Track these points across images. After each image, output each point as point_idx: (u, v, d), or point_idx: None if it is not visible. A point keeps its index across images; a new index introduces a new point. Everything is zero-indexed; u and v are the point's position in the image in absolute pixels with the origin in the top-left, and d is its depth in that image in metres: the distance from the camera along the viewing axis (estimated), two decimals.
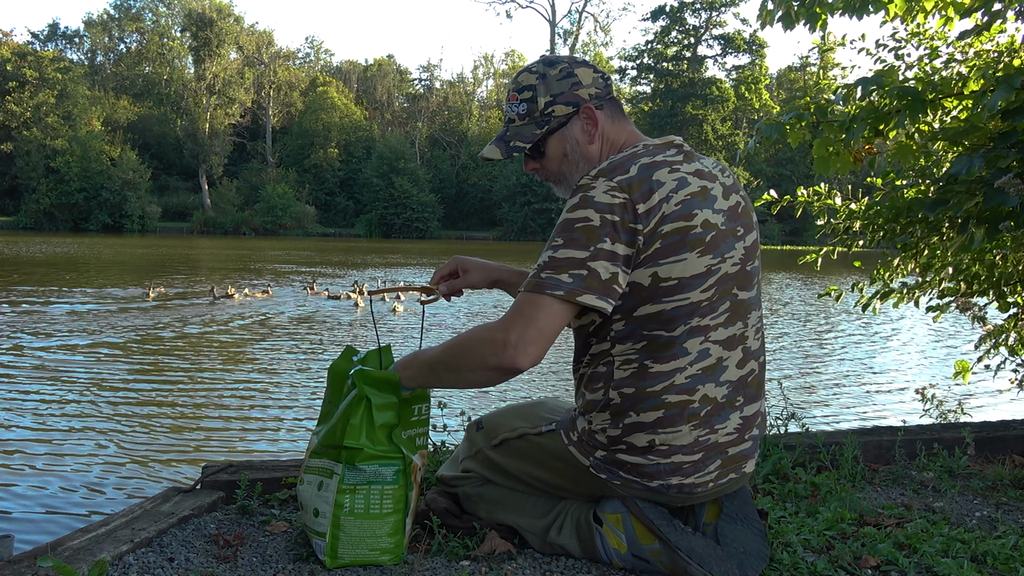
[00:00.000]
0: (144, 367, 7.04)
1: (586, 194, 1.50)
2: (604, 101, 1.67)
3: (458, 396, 5.73)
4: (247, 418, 5.41)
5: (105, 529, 1.76)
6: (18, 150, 42.67)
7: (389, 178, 46.90)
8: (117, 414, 5.39)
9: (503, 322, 1.48)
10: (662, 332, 1.53)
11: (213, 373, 6.90)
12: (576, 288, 1.45)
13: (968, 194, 2.22)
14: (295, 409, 5.70)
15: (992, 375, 3.36)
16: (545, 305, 1.46)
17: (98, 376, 6.57)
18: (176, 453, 4.59)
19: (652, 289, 1.51)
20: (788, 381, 7.04)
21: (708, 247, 1.52)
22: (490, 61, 62.16)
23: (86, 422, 5.15)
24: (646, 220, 1.48)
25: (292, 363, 7.49)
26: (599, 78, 1.67)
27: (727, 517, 1.67)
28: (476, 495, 1.84)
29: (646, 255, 1.49)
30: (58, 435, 4.84)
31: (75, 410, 5.45)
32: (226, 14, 48.93)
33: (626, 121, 1.70)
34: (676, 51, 53.01)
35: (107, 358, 7.38)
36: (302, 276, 17.70)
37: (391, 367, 1.71)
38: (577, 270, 1.46)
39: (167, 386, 6.30)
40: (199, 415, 5.45)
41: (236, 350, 8.15)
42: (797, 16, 2.80)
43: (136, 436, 4.88)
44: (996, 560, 1.72)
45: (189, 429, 5.08)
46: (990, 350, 3.23)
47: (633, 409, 1.56)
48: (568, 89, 1.64)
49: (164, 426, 5.12)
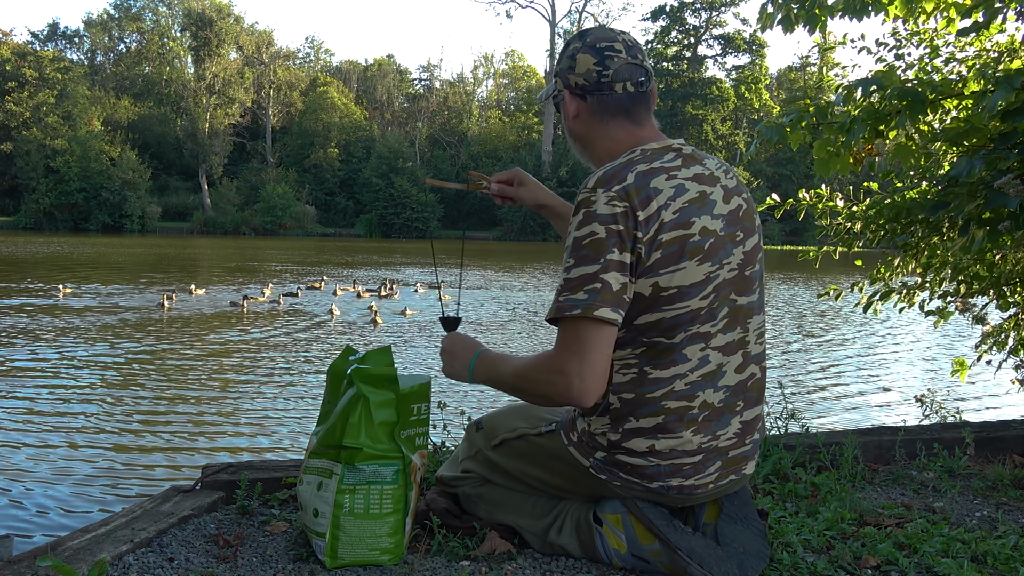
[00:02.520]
0: (144, 367, 7.04)
1: (588, 209, 1.50)
2: (590, 94, 1.64)
3: (458, 396, 5.73)
4: (247, 418, 5.41)
5: (105, 529, 1.76)
6: (18, 150, 42.64)
7: (389, 178, 46.88)
8: (117, 414, 5.39)
9: (559, 356, 1.50)
10: (662, 339, 1.53)
11: (213, 373, 6.90)
12: (593, 303, 1.46)
13: (969, 196, 2.22)
14: (295, 409, 5.70)
15: (994, 372, 3.36)
16: (585, 331, 1.47)
17: (98, 376, 6.57)
18: (176, 453, 4.59)
19: (653, 299, 1.51)
20: (788, 381, 7.03)
21: (707, 255, 1.52)
22: (490, 61, 62.22)
23: (86, 422, 5.15)
24: (646, 228, 1.48)
25: (292, 363, 7.49)
26: (594, 71, 1.62)
27: (727, 517, 1.67)
28: (476, 495, 1.84)
29: (647, 265, 1.49)
30: (58, 435, 4.84)
31: (75, 410, 5.45)
32: (226, 14, 48.90)
33: (626, 122, 1.65)
34: (676, 51, 53.04)
35: (107, 358, 7.38)
36: (298, 277, 17.70)
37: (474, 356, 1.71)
38: (591, 286, 1.47)
39: (167, 386, 6.30)
40: (199, 415, 5.45)
41: (236, 350, 8.15)
42: (796, 19, 2.80)
43: (136, 436, 4.88)
44: (996, 560, 1.72)
45: (189, 429, 5.08)
46: (991, 348, 3.23)
47: (633, 415, 1.56)
48: (564, 69, 1.68)
49: (164, 426, 5.12)
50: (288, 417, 5.47)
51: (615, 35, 1.66)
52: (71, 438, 4.80)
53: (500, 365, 1.65)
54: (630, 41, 1.66)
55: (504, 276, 19.14)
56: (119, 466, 4.33)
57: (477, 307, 12.52)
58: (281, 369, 7.18)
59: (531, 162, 46.53)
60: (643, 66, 1.65)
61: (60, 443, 4.69)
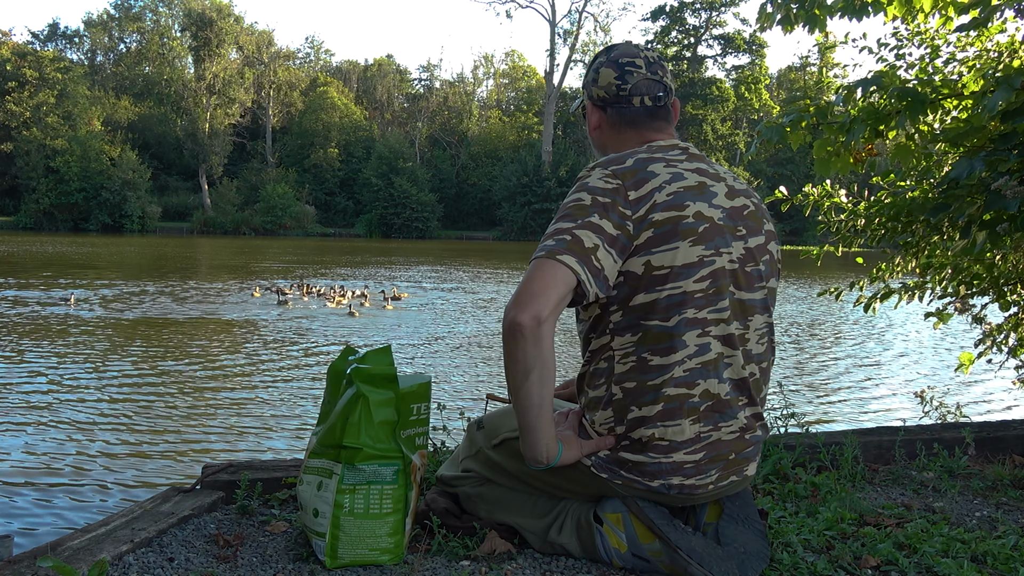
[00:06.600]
0: (144, 367, 7.04)
1: (582, 181, 1.60)
2: (610, 106, 1.74)
3: (458, 396, 5.74)
4: (247, 418, 5.41)
5: (105, 529, 1.76)
6: (18, 150, 42.61)
7: (389, 178, 46.87)
8: (117, 414, 5.39)
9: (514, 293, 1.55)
10: (658, 322, 1.55)
11: (213, 373, 6.90)
12: (556, 248, 1.50)
13: (969, 198, 2.22)
14: (295, 409, 5.70)
15: (995, 370, 3.36)
16: (534, 268, 1.51)
17: (98, 376, 6.57)
18: (176, 453, 4.59)
19: (646, 278, 1.54)
20: (788, 381, 7.04)
21: (701, 237, 1.56)
22: (490, 61, 62.14)
23: (86, 422, 5.15)
24: (636, 207, 1.54)
25: (292, 363, 7.49)
26: (614, 84, 1.72)
27: (728, 517, 1.67)
28: (476, 495, 1.84)
29: (639, 243, 1.54)
30: (58, 435, 4.84)
31: (75, 410, 5.45)
32: (226, 14, 48.84)
33: (644, 130, 1.72)
34: (676, 51, 52.98)
35: (107, 358, 7.38)
36: (289, 279, 17.70)
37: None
38: (561, 236, 1.52)
39: (167, 386, 6.30)
40: (199, 415, 5.45)
41: (236, 350, 8.15)
42: (796, 18, 2.80)
43: (136, 436, 4.88)
44: (996, 560, 1.72)
45: (189, 429, 5.08)
46: (991, 347, 3.23)
47: (635, 403, 1.58)
48: (588, 82, 1.79)
49: (164, 426, 5.12)
50: (288, 417, 5.47)
51: (638, 51, 1.75)
52: (71, 438, 4.79)
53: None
54: (652, 58, 1.75)
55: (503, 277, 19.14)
56: (119, 466, 4.33)
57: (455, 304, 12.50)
58: (281, 369, 7.18)
59: (531, 162, 46.50)
60: (662, 82, 1.74)
61: (60, 443, 4.69)
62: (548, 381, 1.51)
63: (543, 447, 1.57)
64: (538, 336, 1.47)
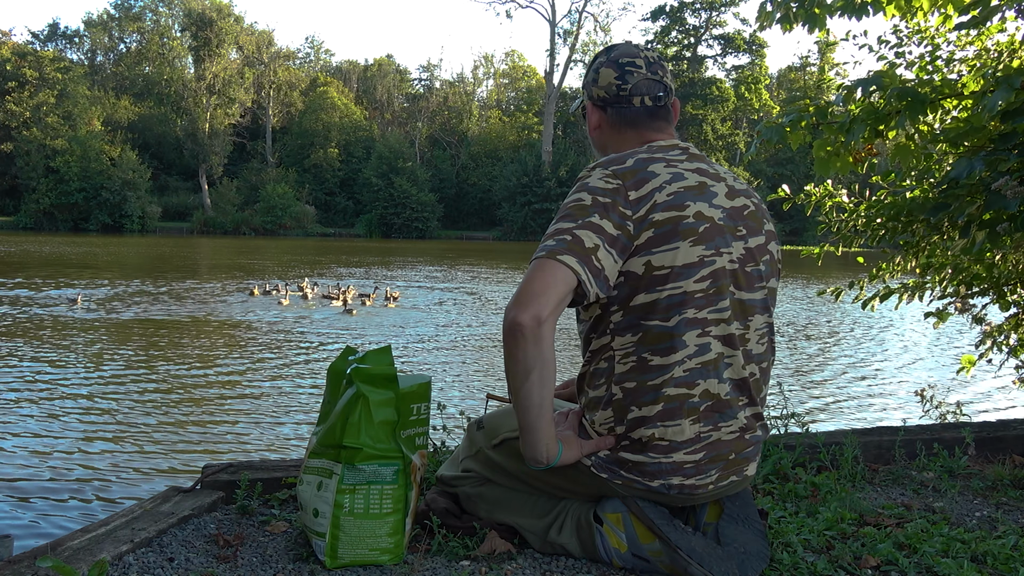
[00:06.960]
0: (143, 367, 7.04)
1: (583, 181, 1.60)
2: (610, 106, 1.74)
3: (458, 396, 5.74)
4: (247, 418, 5.41)
5: (105, 529, 1.76)
6: (18, 150, 42.59)
7: (389, 178, 46.86)
8: (117, 414, 5.39)
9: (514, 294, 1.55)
10: (658, 322, 1.55)
11: (213, 373, 6.90)
12: (556, 248, 1.50)
13: (969, 198, 2.22)
14: (295, 409, 5.70)
15: (996, 370, 3.36)
16: (535, 268, 1.51)
17: (98, 376, 6.57)
18: (176, 453, 4.59)
19: (647, 278, 1.54)
20: (788, 381, 7.04)
21: (701, 237, 1.56)
22: (490, 61, 62.12)
23: (86, 422, 5.15)
24: (636, 207, 1.54)
25: (292, 363, 7.49)
26: (614, 84, 1.72)
27: (728, 517, 1.67)
28: (476, 495, 1.84)
29: (639, 243, 1.54)
30: (58, 435, 4.84)
31: (75, 410, 5.45)
32: (226, 14, 48.82)
33: (644, 130, 1.72)
34: (676, 51, 52.96)
35: (106, 358, 7.38)
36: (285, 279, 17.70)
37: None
38: (562, 236, 1.52)
39: (167, 386, 6.30)
40: (199, 415, 5.45)
41: (236, 350, 8.15)
42: (795, 17, 2.80)
43: (136, 436, 4.88)
44: (996, 560, 1.72)
45: (189, 429, 5.08)
46: (991, 348, 3.23)
47: (635, 403, 1.57)
48: (588, 82, 1.79)
49: (164, 426, 5.12)
50: (288, 417, 5.47)
51: (638, 51, 1.75)
52: (71, 438, 4.80)
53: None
54: (652, 58, 1.75)
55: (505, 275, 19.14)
56: (119, 466, 4.33)
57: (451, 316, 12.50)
58: (281, 368, 7.18)
59: (531, 162, 46.49)
60: (662, 82, 1.74)
61: (60, 443, 4.69)
62: (548, 381, 1.51)
63: (543, 447, 1.57)
64: (538, 336, 1.47)
